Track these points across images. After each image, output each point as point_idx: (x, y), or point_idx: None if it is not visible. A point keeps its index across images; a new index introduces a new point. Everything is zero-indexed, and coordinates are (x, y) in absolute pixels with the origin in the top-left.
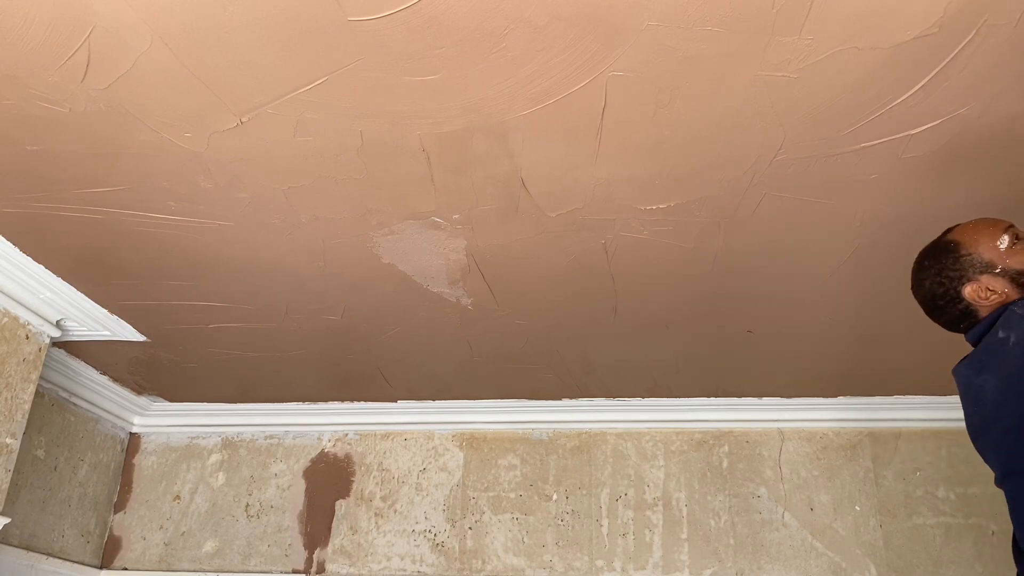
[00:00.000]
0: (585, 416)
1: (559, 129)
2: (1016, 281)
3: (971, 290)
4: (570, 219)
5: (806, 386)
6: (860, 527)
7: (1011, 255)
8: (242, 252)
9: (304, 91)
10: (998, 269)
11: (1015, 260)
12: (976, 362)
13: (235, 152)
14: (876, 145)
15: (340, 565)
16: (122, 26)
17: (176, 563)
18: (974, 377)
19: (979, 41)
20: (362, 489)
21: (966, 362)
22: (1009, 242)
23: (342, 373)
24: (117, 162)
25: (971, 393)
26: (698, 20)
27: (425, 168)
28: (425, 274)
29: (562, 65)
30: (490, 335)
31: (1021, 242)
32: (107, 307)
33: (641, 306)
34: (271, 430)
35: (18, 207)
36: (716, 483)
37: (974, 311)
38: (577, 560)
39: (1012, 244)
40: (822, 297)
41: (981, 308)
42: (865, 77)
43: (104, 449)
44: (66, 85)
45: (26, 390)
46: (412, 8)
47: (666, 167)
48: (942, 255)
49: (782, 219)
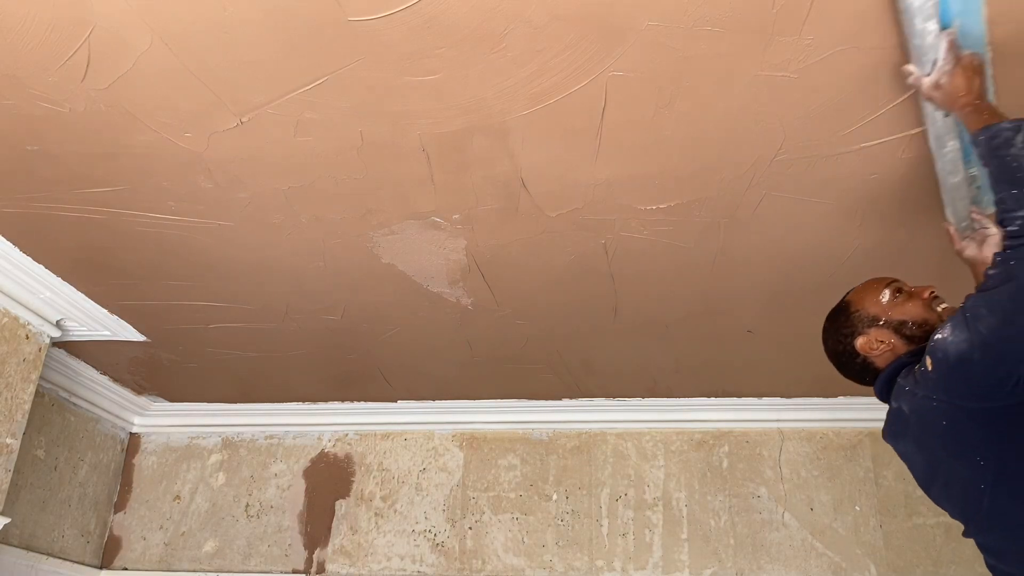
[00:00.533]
0: (585, 416)
1: (559, 129)
2: (899, 332)
3: (862, 343)
4: (570, 219)
5: (806, 386)
6: (860, 527)
7: (892, 307)
8: (242, 252)
9: (304, 91)
10: (882, 321)
11: (896, 312)
12: (891, 431)
13: (235, 152)
14: (876, 145)
15: (340, 565)
16: (122, 26)
17: (176, 563)
18: (897, 445)
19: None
20: (362, 489)
21: (887, 431)
22: (890, 296)
23: (342, 373)
24: (117, 162)
25: (906, 458)
26: (698, 20)
27: (425, 168)
28: (425, 274)
29: (562, 65)
30: (490, 335)
31: (902, 295)
32: (107, 307)
33: (641, 306)
34: (271, 430)
35: (18, 207)
36: (716, 483)
37: (871, 364)
38: (577, 560)
39: (893, 297)
40: (822, 297)
41: (875, 360)
42: (865, 77)
43: (104, 449)
44: (66, 85)
45: (26, 390)
46: (412, 8)
47: (666, 167)
48: (837, 315)
49: (782, 219)
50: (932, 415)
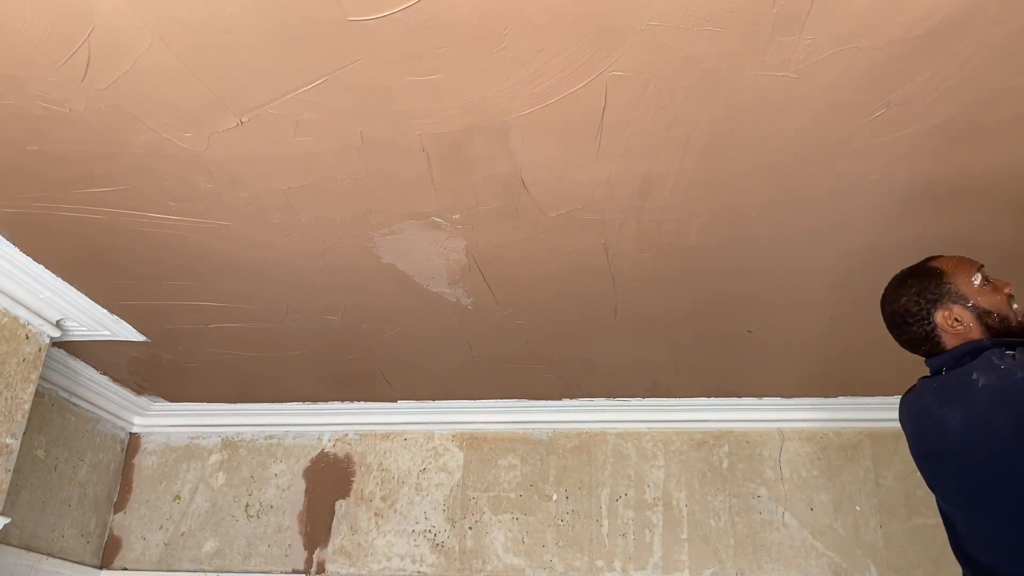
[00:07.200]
0: (585, 416)
1: (559, 129)
2: (981, 319)
3: (942, 316)
4: (570, 219)
5: (806, 386)
6: (860, 527)
7: (982, 293)
8: (242, 252)
9: (304, 91)
10: (970, 303)
11: (984, 299)
12: (941, 394)
13: (235, 152)
14: (876, 145)
15: (340, 565)
16: (122, 26)
17: (176, 563)
18: (937, 407)
19: (979, 41)
20: (362, 489)
21: (929, 392)
22: (981, 281)
23: (342, 373)
24: (117, 162)
25: (930, 421)
26: (698, 20)
27: (425, 168)
28: (425, 274)
29: (562, 65)
30: (490, 335)
31: (989, 284)
32: (107, 307)
33: (641, 306)
34: (271, 430)
35: (18, 207)
36: (716, 483)
37: (937, 337)
38: (577, 560)
39: (983, 284)
40: (822, 297)
41: (944, 336)
42: (865, 77)
43: (104, 449)
44: (66, 85)
45: (26, 390)
46: (412, 8)
47: (666, 167)
48: (926, 278)
49: (782, 219)
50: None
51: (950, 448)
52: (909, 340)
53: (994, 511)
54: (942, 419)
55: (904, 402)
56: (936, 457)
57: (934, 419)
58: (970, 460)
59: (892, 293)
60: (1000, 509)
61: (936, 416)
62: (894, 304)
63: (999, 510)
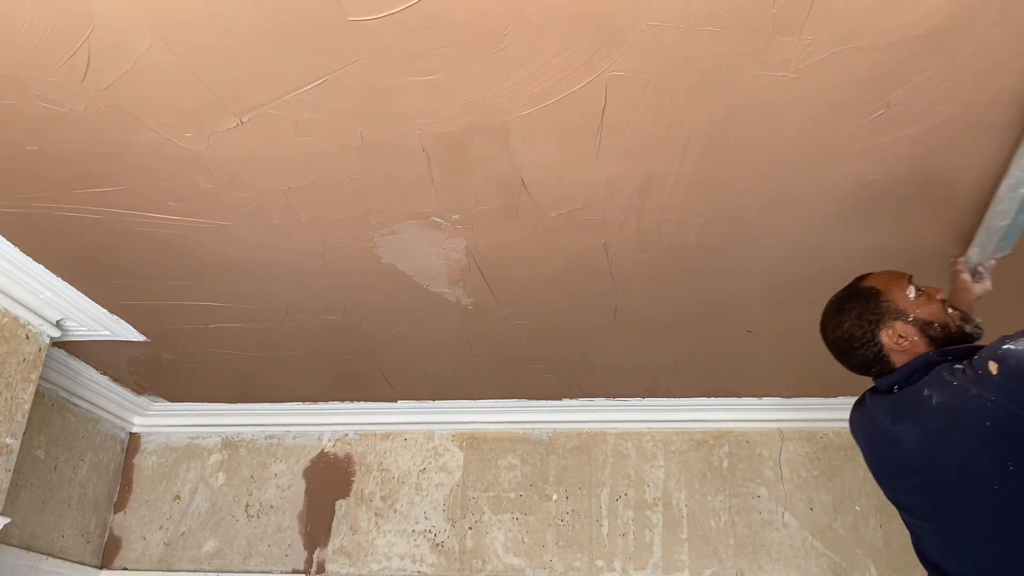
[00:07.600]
0: (585, 416)
1: (559, 129)
2: (923, 331)
3: (887, 335)
4: (570, 219)
5: (806, 386)
6: (860, 527)
7: (919, 305)
8: (242, 252)
9: (304, 91)
10: (910, 317)
11: (923, 310)
12: (895, 411)
13: (235, 152)
14: (875, 145)
15: (340, 565)
16: (122, 26)
17: (176, 563)
18: (891, 425)
19: (979, 41)
20: (362, 489)
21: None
22: (916, 292)
23: (342, 373)
24: (117, 162)
25: (885, 438)
26: (698, 20)
27: (425, 168)
28: (425, 274)
29: (562, 65)
30: (490, 335)
31: (924, 294)
32: (107, 307)
33: (641, 306)
34: (271, 430)
35: (18, 207)
36: (716, 483)
37: (885, 356)
38: (577, 560)
39: (918, 295)
40: (822, 297)
41: (892, 354)
42: (865, 77)
43: (104, 449)
44: (66, 85)
45: (26, 390)
46: (412, 8)
47: (666, 167)
48: (863, 299)
49: (782, 219)
50: (978, 413)
51: (909, 464)
52: (858, 364)
53: (958, 522)
54: (897, 436)
55: (855, 418)
56: (896, 474)
57: (889, 436)
58: (930, 475)
59: (832, 320)
60: (963, 520)
61: (891, 434)
62: (837, 331)
63: (963, 521)
